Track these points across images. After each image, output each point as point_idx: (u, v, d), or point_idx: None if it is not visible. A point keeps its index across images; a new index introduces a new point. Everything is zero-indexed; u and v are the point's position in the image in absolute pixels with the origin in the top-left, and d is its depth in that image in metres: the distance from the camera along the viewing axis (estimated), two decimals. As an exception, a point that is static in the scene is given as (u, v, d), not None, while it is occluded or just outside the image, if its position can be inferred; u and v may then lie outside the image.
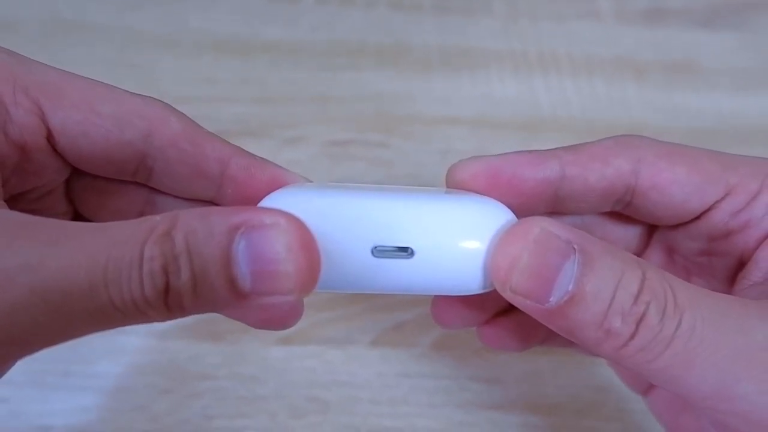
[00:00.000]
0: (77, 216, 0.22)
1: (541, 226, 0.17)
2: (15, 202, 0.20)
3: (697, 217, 0.21)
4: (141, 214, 0.22)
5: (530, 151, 0.21)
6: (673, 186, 0.21)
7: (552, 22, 0.43)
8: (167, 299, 0.15)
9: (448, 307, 0.25)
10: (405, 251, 0.18)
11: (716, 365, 0.17)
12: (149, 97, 0.20)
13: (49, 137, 0.19)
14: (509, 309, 0.26)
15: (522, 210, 0.20)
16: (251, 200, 0.21)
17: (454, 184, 0.21)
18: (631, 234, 0.24)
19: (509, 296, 0.17)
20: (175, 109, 0.20)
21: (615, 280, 0.17)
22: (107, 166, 0.20)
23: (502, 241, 0.18)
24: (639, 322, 0.17)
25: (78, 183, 0.21)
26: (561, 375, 0.32)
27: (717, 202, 0.21)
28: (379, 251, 0.18)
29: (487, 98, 0.40)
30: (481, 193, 0.20)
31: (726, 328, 0.17)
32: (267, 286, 0.16)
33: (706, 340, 0.17)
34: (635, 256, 0.18)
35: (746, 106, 0.41)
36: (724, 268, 0.22)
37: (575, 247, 0.17)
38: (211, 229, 0.15)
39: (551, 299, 0.17)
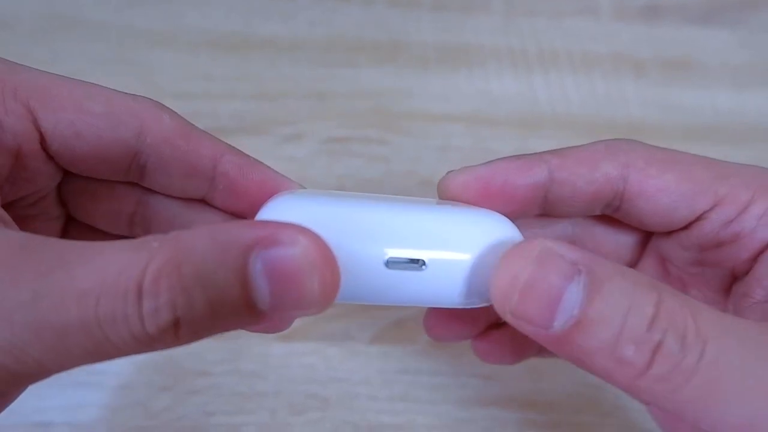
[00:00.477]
0: (70, 219, 0.22)
1: (543, 245, 0.16)
2: (8, 209, 0.20)
3: (687, 227, 0.21)
4: (133, 215, 0.22)
5: (518, 157, 0.21)
6: (660, 193, 0.20)
7: (550, 19, 0.43)
8: (178, 332, 0.14)
9: (441, 320, 0.25)
10: (416, 263, 0.18)
11: (745, 398, 0.16)
12: (139, 95, 0.20)
13: (42, 141, 0.19)
14: (502, 322, 0.26)
15: (513, 216, 0.20)
16: (243, 198, 0.21)
17: (447, 195, 0.21)
18: (624, 242, 0.24)
19: (510, 320, 0.16)
20: (165, 106, 0.20)
21: (626, 304, 0.15)
22: (100, 165, 0.20)
23: (503, 260, 0.17)
24: (655, 351, 0.15)
25: (70, 186, 0.21)
26: (559, 371, 0.32)
27: (706, 212, 0.20)
28: (392, 263, 0.18)
29: (485, 95, 0.40)
30: (474, 205, 0.20)
31: (753, 357, 0.16)
32: (289, 303, 0.15)
33: (734, 372, 0.15)
34: (653, 280, 0.16)
35: (743, 103, 0.41)
36: (717, 279, 0.22)
37: (581, 268, 0.16)
38: (223, 253, 0.14)
39: (555, 324, 0.16)
